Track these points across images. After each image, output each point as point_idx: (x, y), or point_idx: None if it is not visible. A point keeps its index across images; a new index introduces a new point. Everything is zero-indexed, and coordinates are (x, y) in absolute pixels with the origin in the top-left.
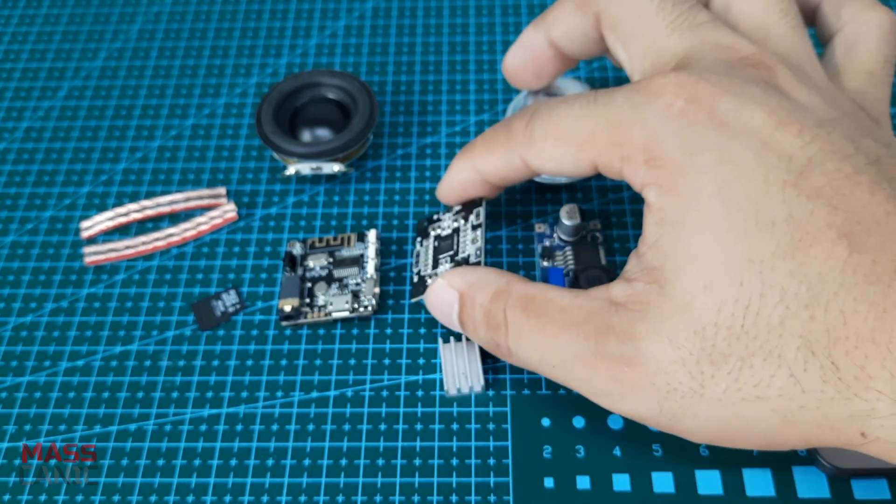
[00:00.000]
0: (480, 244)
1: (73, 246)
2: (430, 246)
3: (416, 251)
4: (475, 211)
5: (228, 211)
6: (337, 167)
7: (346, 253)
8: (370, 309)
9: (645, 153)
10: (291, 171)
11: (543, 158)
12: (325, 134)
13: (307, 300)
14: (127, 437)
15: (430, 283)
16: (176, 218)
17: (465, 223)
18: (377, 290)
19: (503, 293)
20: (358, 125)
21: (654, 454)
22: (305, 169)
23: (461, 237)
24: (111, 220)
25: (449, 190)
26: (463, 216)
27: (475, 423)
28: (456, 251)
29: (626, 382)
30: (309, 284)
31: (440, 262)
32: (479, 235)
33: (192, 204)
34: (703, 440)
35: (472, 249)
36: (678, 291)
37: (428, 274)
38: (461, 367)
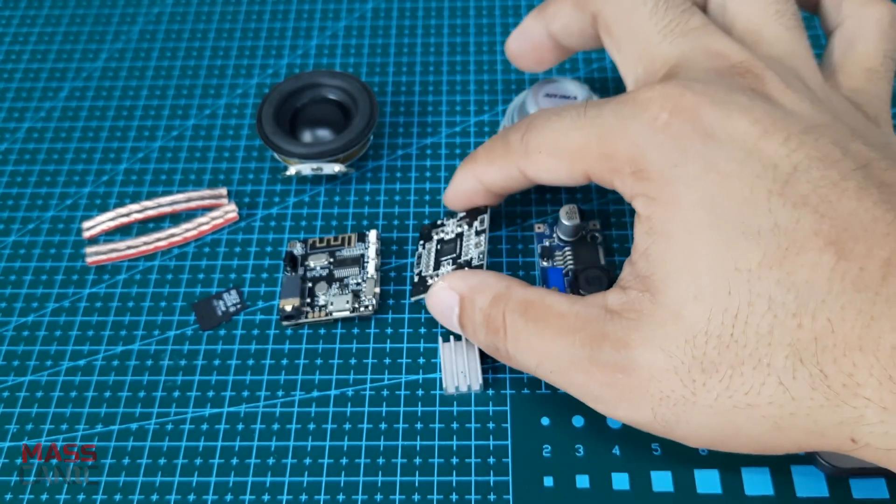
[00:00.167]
0: (483, 248)
1: (74, 246)
2: (432, 249)
3: (417, 252)
4: (480, 217)
5: (229, 211)
6: (337, 168)
7: (346, 253)
8: (371, 309)
9: (632, 165)
10: (292, 171)
11: (539, 170)
12: (325, 134)
13: (308, 300)
14: (128, 436)
15: (430, 283)
16: (177, 218)
17: (468, 228)
18: (377, 289)
19: (503, 297)
20: (358, 126)
21: (653, 453)
22: (306, 169)
23: (464, 241)
24: (112, 220)
25: (454, 198)
26: (467, 222)
27: (475, 422)
28: (458, 254)
29: (620, 389)
30: (310, 284)
31: (442, 264)
32: (482, 241)
33: (193, 204)
34: (696, 445)
35: (474, 253)
36: (669, 300)
37: (429, 275)
38: (460, 366)
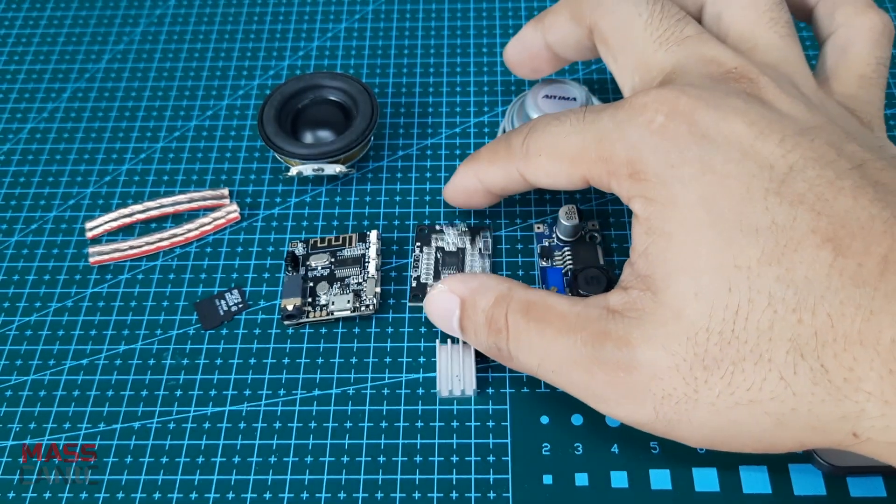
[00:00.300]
0: (487, 267)
1: (77, 246)
2: (431, 255)
3: (415, 255)
4: (482, 235)
5: (231, 211)
6: (338, 168)
7: (347, 253)
8: (371, 308)
9: (629, 167)
10: (293, 172)
11: (538, 173)
12: (326, 135)
13: (309, 300)
14: (131, 434)
15: (429, 289)
16: (179, 218)
17: (471, 246)
18: (378, 289)
19: (504, 298)
20: (359, 127)
21: (651, 452)
22: (307, 170)
23: (468, 258)
24: (115, 220)
25: (454, 195)
26: (469, 238)
27: (475, 420)
28: (461, 270)
29: (622, 388)
30: (311, 284)
31: (443, 275)
32: (486, 265)
33: (195, 204)
34: (698, 444)
35: (478, 269)
36: (670, 299)
37: (429, 282)
38: (456, 369)
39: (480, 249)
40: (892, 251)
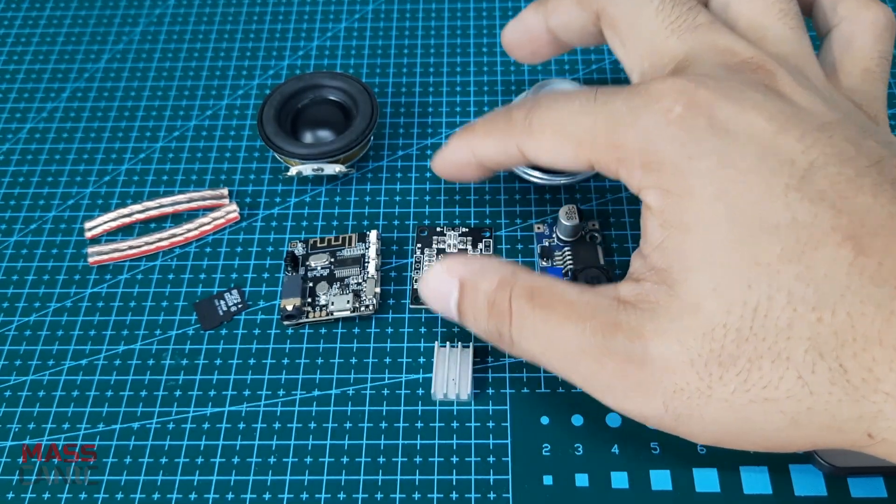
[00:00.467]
0: None
1: (76, 246)
2: (433, 256)
3: (416, 257)
4: (483, 236)
5: (231, 211)
6: (338, 168)
7: (347, 253)
8: (371, 308)
9: (642, 156)
10: (293, 171)
11: (540, 151)
12: (326, 135)
13: (309, 300)
14: (130, 435)
15: (426, 270)
16: (179, 218)
17: (472, 249)
18: (378, 289)
19: (508, 281)
20: (359, 126)
21: (652, 452)
22: (307, 170)
23: None
24: (115, 220)
25: (443, 165)
26: (471, 241)
27: (475, 421)
28: None
29: (631, 380)
30: (310, 284)
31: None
32: None
33: (194, 204)
34: (706, 441)
35: None
36: (687, 293)
37: None
38: (452, 372)
39: (482, 251)
40: None
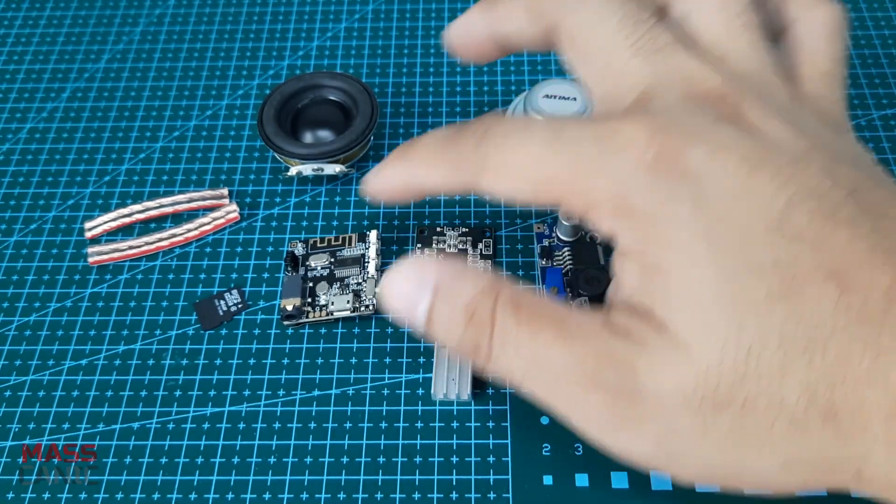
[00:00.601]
0: (489, 270)
1: (76, 246)
2: (433, 256)
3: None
4: (485, 241)
5: (231, 211)
6: (338, 168)
7: (347, 253)
8: (371, 308)
9: (613, 202)
10: (293, 171)
11: (495, 188)
12: (326, 135)
13: (309, 300)
14: (130, 435)
15: (389, 269)
16: (179, 218)
17: (472, 249)
18: (378, 289)
19: (492, 290)
20: (359, 126)
21: None
22: (307, 170)
23: (469, 260)
24: (115, 220)
25: (379, 188)
26: (471, 242)
27: (475, 421)
28: None
29: (621, 415)
30: (310, 284)
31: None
32: (488, 267)
33: (194, 204)
34: (696, 481)
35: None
36: (677, 335)
37: None
38: (452, 372)
39: (482, 251)
40: (894, 284)
